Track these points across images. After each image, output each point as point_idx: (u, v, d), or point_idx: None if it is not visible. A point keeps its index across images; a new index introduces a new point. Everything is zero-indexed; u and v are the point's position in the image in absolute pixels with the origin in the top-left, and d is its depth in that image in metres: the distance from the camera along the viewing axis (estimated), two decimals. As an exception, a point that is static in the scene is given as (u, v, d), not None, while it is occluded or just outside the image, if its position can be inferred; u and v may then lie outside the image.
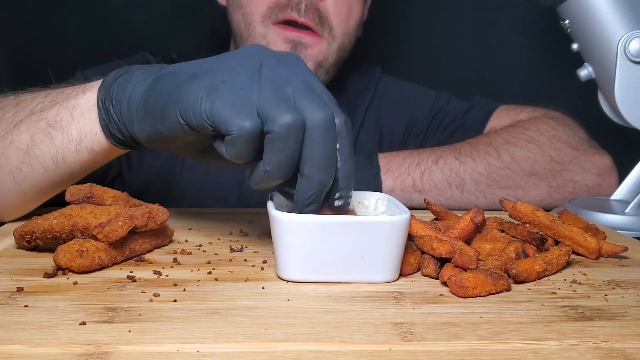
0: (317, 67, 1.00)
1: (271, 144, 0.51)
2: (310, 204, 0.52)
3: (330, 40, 1.00)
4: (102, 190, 0.62)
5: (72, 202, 0.60)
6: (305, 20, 0.96)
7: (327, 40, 1.00)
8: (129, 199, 0.64)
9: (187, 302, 0.47)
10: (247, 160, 0.52)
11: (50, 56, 1.18)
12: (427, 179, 0.91)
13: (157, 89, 0.56)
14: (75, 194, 0.61)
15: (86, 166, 0.66)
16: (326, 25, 0.99)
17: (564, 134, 0.97)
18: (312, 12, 0.97)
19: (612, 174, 0.96)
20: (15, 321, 0.43)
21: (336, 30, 1.00)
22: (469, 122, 1.09)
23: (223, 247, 0.64)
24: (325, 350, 0.40)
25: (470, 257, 0.53)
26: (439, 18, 1.33)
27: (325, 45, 1.00)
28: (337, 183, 0.53)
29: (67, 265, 0.53)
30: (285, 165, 0.51)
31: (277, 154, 0.51)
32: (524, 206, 0.64)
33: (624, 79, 0.92)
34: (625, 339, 0.43)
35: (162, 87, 0.55)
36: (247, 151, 0.51)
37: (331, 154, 0.52)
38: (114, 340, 0.40)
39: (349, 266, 0.52)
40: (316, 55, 0.99)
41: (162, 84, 0.56)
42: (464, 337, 0.42)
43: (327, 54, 1.01)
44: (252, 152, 0.52)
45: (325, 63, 1.01)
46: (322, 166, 0.51)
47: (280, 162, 0.51)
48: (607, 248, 0.64)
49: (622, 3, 0.92)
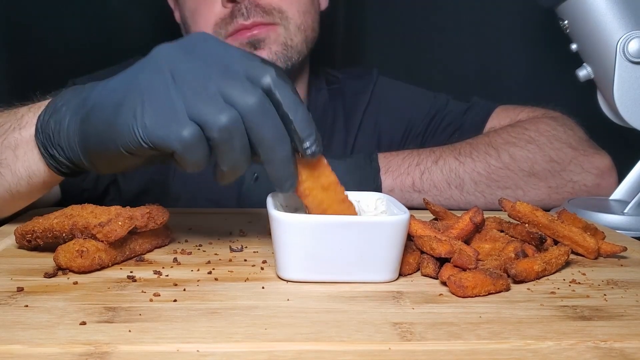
0: (285, 49, 0.98)
1: (218, 148, 0.51)
2: (286, 181, 0.53)
3: (286, 23, 0.99)
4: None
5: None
6: (253, 20, 0.96)
7: (282, 24, 0.98)
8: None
9: (187, 302, 0.48)
10: (204, 165, 0.52)
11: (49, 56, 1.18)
12: (426, 179, 0.91)
13: (90, 132, 0.55)
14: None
15: (46, 189, 0.66)
16: (274, 12, 0.98)
17: (563, 134, 0.97)
18: (255, 10, 0.96)
19: (612, 174, 0.97)
20: (16, 321, 0.43)
21: (289, 12, 0.99)
22: (467, 122, 1.09)
23: (223, 247, 0.64)
24: (325, 350, 0.40)
25: (470, 257, 0.53)
26: (438, 18, 1.33)
27: (282, 29, 0.98)
28: (297, 134, 0.51)
29: (67, 265, 0.53)
30: (240, 160, 0.51)
31: (228, 154, 0.51)
32: (523, 206, 0.64)
33: (623, 79, 0.92)
34: (624, 339, 0.43)
35: (94, 129, 0.55)
36: (198, 159, 0.51)
37: (277, 128, 0.51)
38: (114, 340, 0.40)
39: (348, 266, 0.52)
40: (277, 40, 0.98)
41: (93, 126, 0.55)
42: (463, 336, 0.42)
43: (288, 35, 0.99)
44: (204, 156, 0.51)
45: (290, 42, 0.99)
46: (275, 144, 0.51)
47: (234, 159, 0.51)
48: (606, 248, 0.64)
49: (621, 3, 0.92)
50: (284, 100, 0.51)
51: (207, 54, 0.52)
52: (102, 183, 0.98)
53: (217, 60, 0.52)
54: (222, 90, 0.50)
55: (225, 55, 0.52)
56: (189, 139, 0.49)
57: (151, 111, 0.50)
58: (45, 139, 0.59)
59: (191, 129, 0.49)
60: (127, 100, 0.52)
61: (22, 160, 0.62)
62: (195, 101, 0.50)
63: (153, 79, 0.51)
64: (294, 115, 0.51)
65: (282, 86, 0.51)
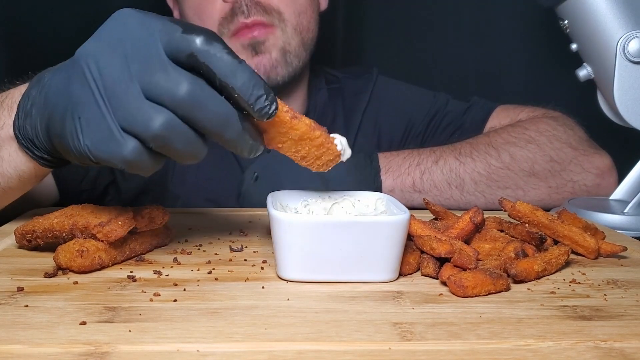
0: (284, 54, 1.00)
1: (162, 150, 0.49)
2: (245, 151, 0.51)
3: (283, 26, 0.99)
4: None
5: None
6: (253, 19, 0.97)
7: (280, 27, 0.99)
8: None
9: (187, 301, 0.48)
10: (159, 166, 0.51)
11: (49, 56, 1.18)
12: (426, 179, 0.92)
13: (54, 141, 0.54)
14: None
15: (40, 179, 0.65)
16: (273, 13, 0.99)
17: (563, 134, 0.97)
18: (255, 7, 0.97)
19: (612, 174, 0.97)
20: (16, 321, 0.43)
21: (286, 14, 1.00)
22: (467, 122, 1.09)
23: (223, 247, 0.64)
24: (325, 350, 0.40)
25: (470, 256, 0.53)
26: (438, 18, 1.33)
27: (279, 31, 0.99)
28: (244, 101, 0.48)
29: (67, 265, 0.53)
30: (191, 150, 0.49)
31: (174, 152, 0.49)
32: (523, 206, 0.64)
33: (623, 79, 0.92)
34: (624, 339, 0.43)
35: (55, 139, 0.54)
36: (147, 166, 0.50)
37: (217, 110, 0.48)
38: (114, 340, 0.40)
39: (348, 266, 0.52)
40: (276, 44, 0.99)
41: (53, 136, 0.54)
42: (463, 336, 0.42)
43: (286, 39, 1.00)
44: (153, 162, 0.50)
45: (289, 47, 1.00)
46: (220, 127, 0.49)
47: (183, 153, 0.49)
48: (606, 248, 0.64)
49: (622, 3, 0.92)
50: (218, 70, 0.47)
51: (126, 39, 0.49)
52: (101, 184, 0.98)
53: (137, 46, 0.48)
54: (147, 89, 0.47)
55: (144, 35, 0.48)
56: (130, 157, 0.48)
57: (88, 131, 0.49)
58: (27, 142, 0.58)
59: (129, 146, 0.48)
60: (66, 117, 0.50)
61: (8, 161, 0.61)
62: (123, 113, 0.48)
63: (81, 92, 0.49)
64: (233, 82, 0.47)
65: (211, 54, 0.47)
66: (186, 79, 0.47)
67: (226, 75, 0.47)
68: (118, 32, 0.49)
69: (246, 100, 0.48)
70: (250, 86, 0.48)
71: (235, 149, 0.51)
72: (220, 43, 0.48)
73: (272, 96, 0.49)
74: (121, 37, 0.49)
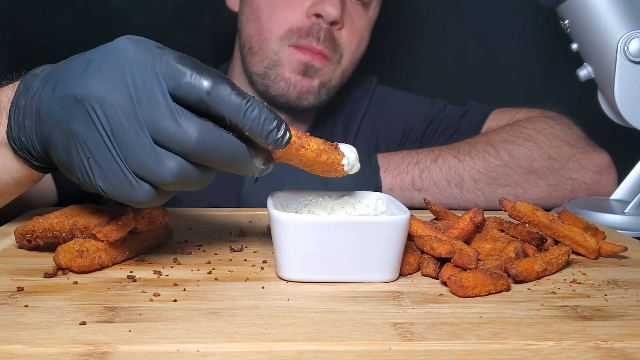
0: (321, 87, 1.04)
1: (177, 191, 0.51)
2: (255, 174, 0.52)
3: (336, 65, 1.05)
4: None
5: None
6: (322, 47, 1.01)
7: (334, 65, 1.04)
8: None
9: (187, 301, 0.47)
10: (170, 196, 0.52)
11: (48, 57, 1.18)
12: (426, 178, 0.92)
13: (57, 163, 0.54)
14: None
15: (37, 181, 0.64)
16: (338, 52, 1.04)
17: (561, 132, 0.97)
18: (329, 39, 1.01)
19: (611, 171, 0.97)
20: (16, 321, 0.43)
21: (345, 59, 1.05)
22: (465, 125, 1.09)
23: (223, 247, 0.64)
24: (325, 350, 0.40)
25: (470, 256, 0.53)
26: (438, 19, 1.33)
27: (332, 68, 1.04)
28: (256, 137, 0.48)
29: (67, 265, 0.53)
30: (203, 184, 0.51)
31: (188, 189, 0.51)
32: (523, 206, 0.64)
33: (623, 78, 0.92)
34: (624, 339, 0.43)
35: (58, 164, 0.53)
36: (160, 203, 0.51)
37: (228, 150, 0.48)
38: (114, 340, 0.40)
39: (348, 266, 0.52)
40: (323, 76, 1.04)
41: (56, 161, 0.53)
42: (463, 336, 0.42)
43: (332, 76, 1.05)
44: (165, 198, 0.51)
45: (328, 84, 1.05)
46: (231, 164, 0.49)
47: (196, 187, 0.51)
48: (606, 248, 0.64)
49: (622, 3, 0.92)
50: (228, 113, 0.48)
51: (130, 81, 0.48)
52: None
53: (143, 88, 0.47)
54: (156, 136, 0.47)
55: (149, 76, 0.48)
56: (145, 200, 0.49)
57: (100, 174, 0.49)
58: (24, 153, 0.57)
59: (144, 190, 0.49)
60: (71, 151, 0.50)
61: (4, 169, 0.60)
62: (135, 161, 0.48)
63: (87, 132, 0.48)
64: (243, 123, 0.48)
65: (219, 99, 0.47)
66: (195, 127, 0.47)
67: (236, 117, 0.48)
68: (121, 70, 0.48)
69: (258, 137, 0.48)
70: (260, 123, 0.48)
71: (245, 173, 0.52)
72: (228, 84, 0.48)
73: (284, 125, 0.49)
74: (125, 78, 0.48)
